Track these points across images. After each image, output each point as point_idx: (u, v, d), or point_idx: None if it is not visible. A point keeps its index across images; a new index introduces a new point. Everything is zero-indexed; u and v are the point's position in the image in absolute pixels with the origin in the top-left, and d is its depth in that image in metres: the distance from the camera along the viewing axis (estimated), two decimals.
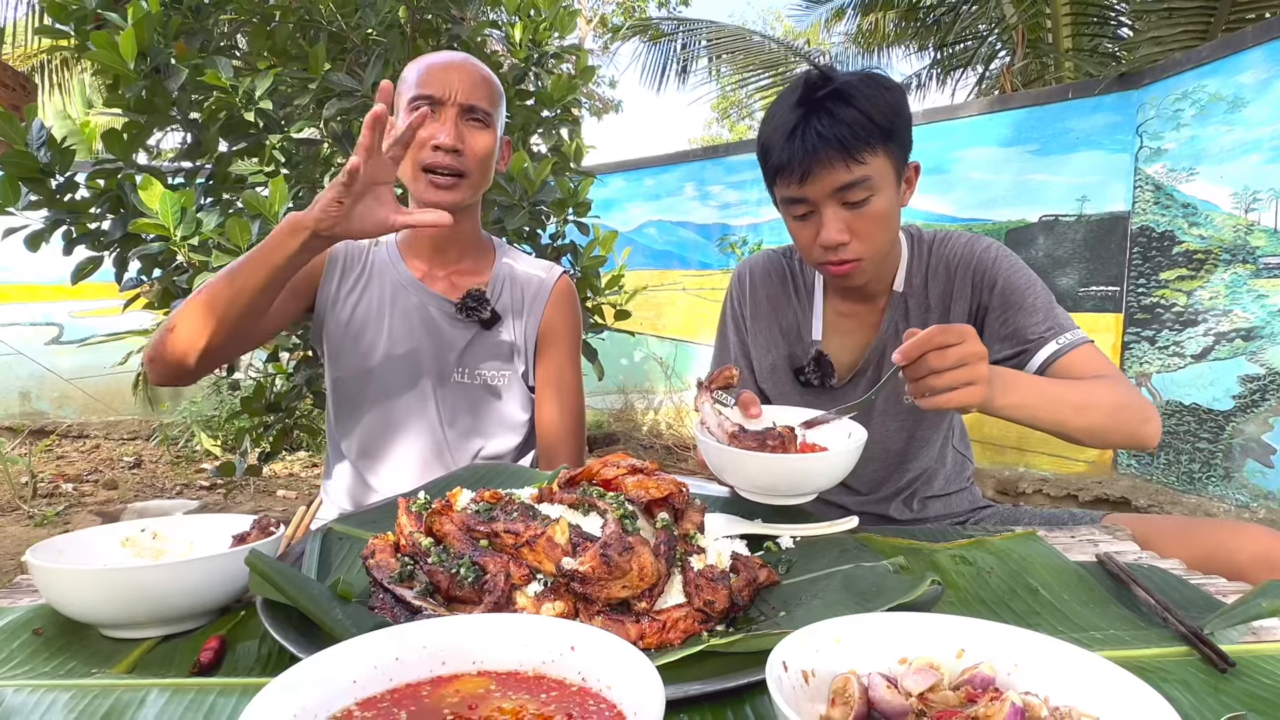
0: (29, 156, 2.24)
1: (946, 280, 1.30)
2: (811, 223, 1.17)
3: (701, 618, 0.71)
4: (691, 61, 7.74)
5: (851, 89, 1.11)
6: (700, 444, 1.00)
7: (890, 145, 1.14)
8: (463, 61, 1.31)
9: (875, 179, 1.12)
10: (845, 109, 1.09)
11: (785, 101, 1.16)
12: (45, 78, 9.21)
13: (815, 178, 1.11)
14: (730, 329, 1.45)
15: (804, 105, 1.12)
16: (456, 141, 1.25)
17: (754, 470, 0.95)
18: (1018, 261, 1.29)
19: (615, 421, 5.70)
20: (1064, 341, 1.19)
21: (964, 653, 0.55)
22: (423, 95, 1.25)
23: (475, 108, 1.27)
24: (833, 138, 1.09)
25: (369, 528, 0.93)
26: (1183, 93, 3.43)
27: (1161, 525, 1.17)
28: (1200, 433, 3.41)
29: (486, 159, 1.30)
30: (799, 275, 1.40)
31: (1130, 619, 0.76)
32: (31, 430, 5.60)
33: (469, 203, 1.32)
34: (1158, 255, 3.55)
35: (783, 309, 1.39)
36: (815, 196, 1.14)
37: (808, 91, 1.13)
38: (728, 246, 5.19)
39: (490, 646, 0.53)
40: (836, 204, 1.14)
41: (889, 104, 1.13)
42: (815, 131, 1.09)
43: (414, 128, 1.05)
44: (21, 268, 5.41)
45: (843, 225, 1.14)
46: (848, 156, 1.09)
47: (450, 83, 1.26)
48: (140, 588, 0.69)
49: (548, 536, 0.70)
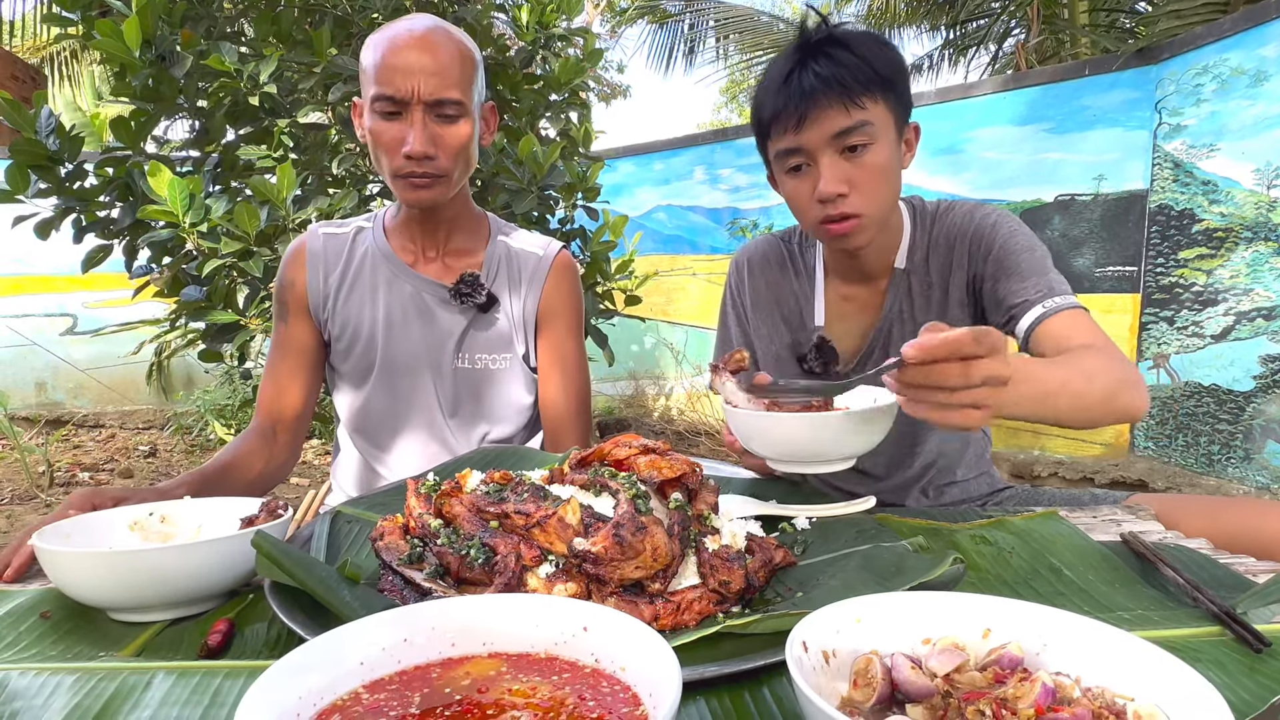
0: (38, 144, 2.24)
1: (947, 252, 1.24)
2: (808, 177, 1.12)
3: (717, 599, 0.69)
4: (699, 43, 7.66)
5: (850, 36, 1.09)
6: (730, 416, 0.98)
7: (890, 96, 1.10)
8: (423, 39, 1.16)
9: (875, 126, 1.08)
10: (844, 53, 1.07)
11: (779, 58, 1.14)
12: (55, 70, 9.23)
13: (812, 122, 1.07)
14: (731, 320, 1.41)
15: (801, 51, 1.09)
16: (427, 147, 1.16)
17: (795, 431, 0.92)
18: (1018, 227, 1.21)
19: (626, 407, 5.69)
20: (1050, 305, 1.10)
21: (990, 632, 0.53)
22: (384, 95, 1.14)
23: (444, 101, 1.16)
24: (831, 78, 1.05)
25: (378, 510, 0.92)
26: (1203, 67, 3.36)
27: (1185, 504, 1.14)
28: (1220, 414, 3.36)
29: (464, 150, 1.21)
30: (799, 259, 1.36)
31: (1158, 599, 0.74)
32: (48, 420, 5.65)
33: (452, 193, 1.25)
34: (1177, 234, 3.49)
35: (784, 295, 1.35)
36: (812, 145, 1.09)
37: (805, 37, 1.10)
38: (738, 230, 5.14)
39: (501, 627, 0.52)
40: (834, 152, 1.09)
41: (889, 57, 1.10)
42: (813, 73, 1.06)
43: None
44: (35, 259, 5.44)
45: (842, 175, 1.09)
46: (847, 99, 1.06)
47: (412, 76, 1.13)
48: (147, 570, 0.68)
49: (559, 517, 0.69)
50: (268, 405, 1.31)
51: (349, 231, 1.35)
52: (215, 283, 2.34)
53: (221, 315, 2.34)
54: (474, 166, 1.27)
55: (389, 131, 1.17)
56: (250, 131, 2.59)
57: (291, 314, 1.32)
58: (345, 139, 2.73)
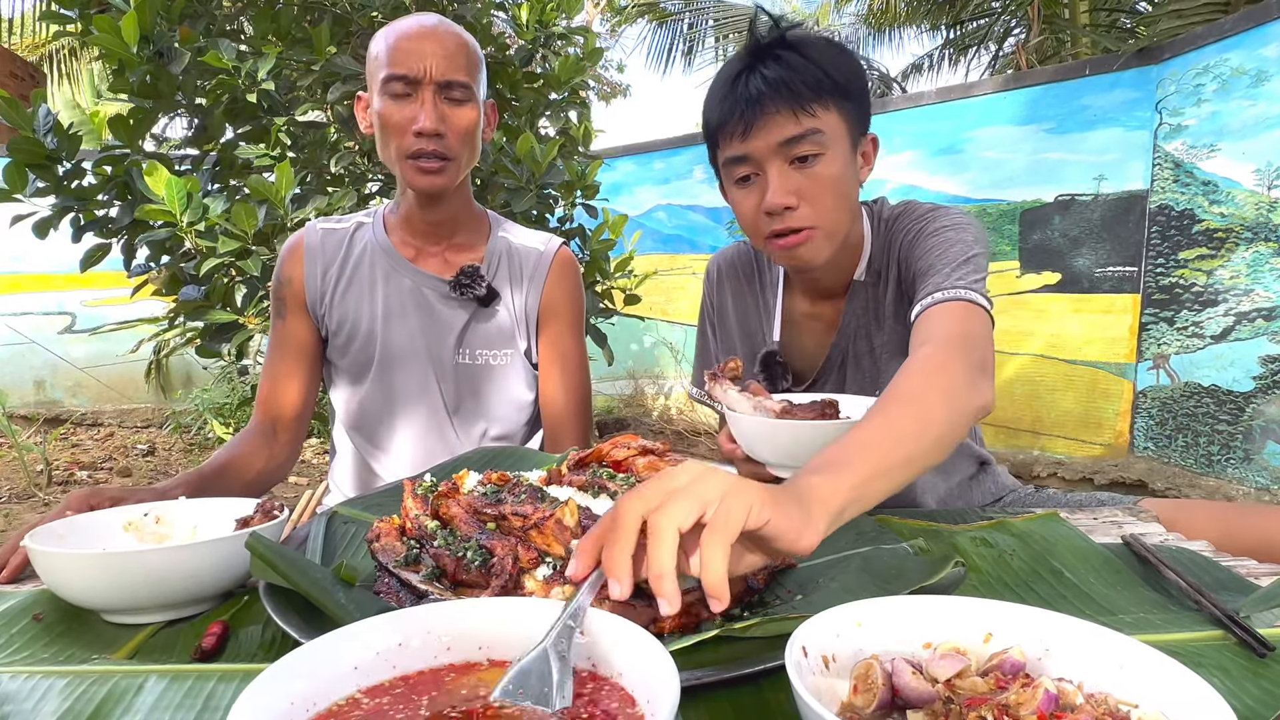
0: (36, 143, 2.23)
1: (894, 250, 1.17)
2: (756, 189, 1.07)
3: None
4: (698, 42, 7.65)
5: (802, 40, 1.04)
6: (733, 422, 0.96)
7: (845, 104, 1.04)
8: (435, 28, 1.20)
9: (826, 135, 1.03)
10: (795, 57, 1.02)
11: (731, 59, 1.09)
12: (54, 68, 9.22)
13: (759, 129, 1.02)
14: (707, 331, 1.40)
15: (750, 54, 1.04)
16: (438, 124, 1.18)
17: (805, 437, 0.90)
18: (950, 221, 1.11)
19: (625, 407, 5.68)
20: (937, 296, 0.98)
21: (992, 637, 0.53)
22: (396, 75, 1.17)
23: (453, 83, 1.19)
24: (780, 82, 1.00)
25: (374, 511, 0.92)
26: (1204, 67, 3.35)
27: (1185, 507, 1.13)
28: (1219, 414, 3.35)
29: (471, 135, 1.23)
30: (765, 270, 1.31)
31: (1160, 602, 0.73)
32: (46, 418, 5.64)
33: (458, 180, 1.27)
34: (1177, 234, 3.48)
35: (746, 307, 1.32)
36: (759, 153, 1.04)
37: (755, 40, 1.05)
38: (737, 229, 5.14)
39: (497, 631, 0.51)
40: (782, 161, 1.03)
41: (845, 64, 1.05)
42: (761, 76, 1.01)
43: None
44: (33, 257, 5.43)
45: (790, 187, 1.03)
46: (796, 105, 1.00)
47: (424, 57, 1.17)
48: (141, 572, 0.68)
49: (556, 519, 0.68)
50: (267, 403, 1.30)
51: (348, 227, 1.35)
52: (213, 282, 2.33)
53: (220, 315, 2.33)
54: (478, 156, 1.29)
55: (400, 112, 1.19)
56: (249, 130, 2.58)
57: (289, 311, 1.32)
58: (344, 137, 2.72)
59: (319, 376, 1.36)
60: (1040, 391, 3.93)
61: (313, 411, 1.35)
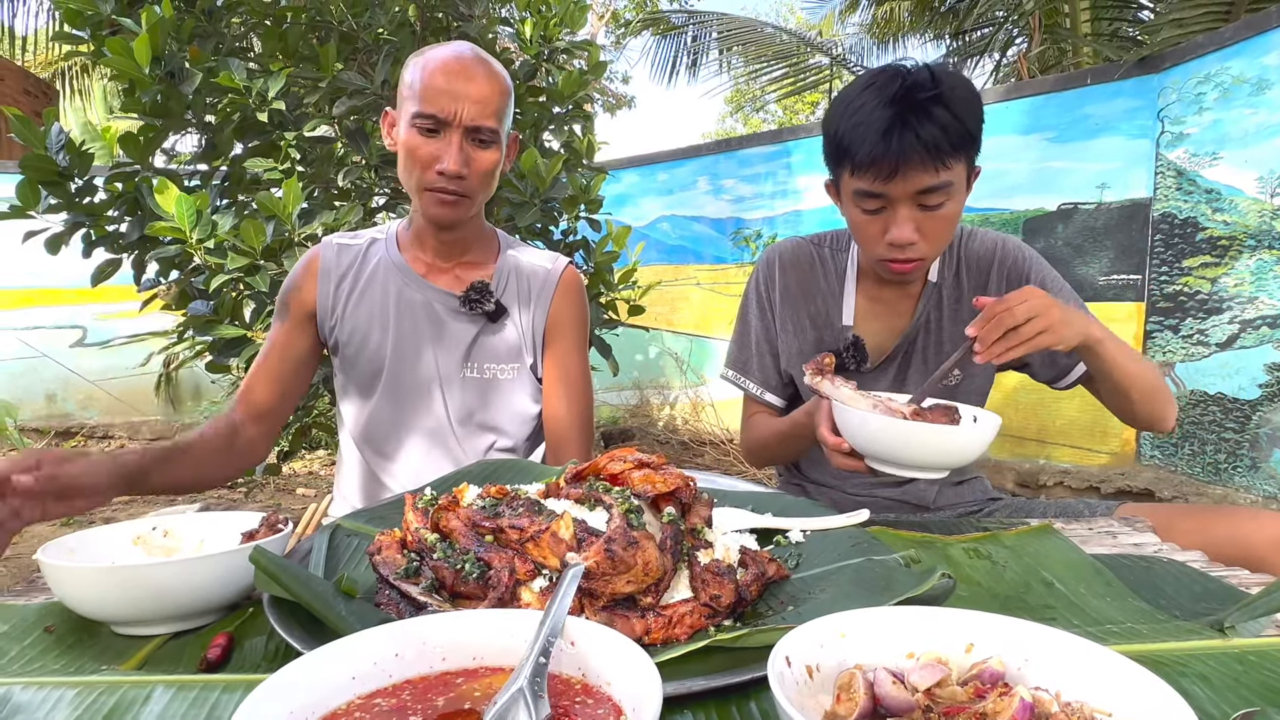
0: (48, 160, 2.27)
1: (980, 274, 1.34)
2: (881, 218, 1.17)
3: (708, 613, 0.70)
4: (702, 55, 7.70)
5: (953, 97, 1.10)
6: (845, 415, 1.01)
7: (971, 151, 1.15)
8: (471, 69, 1.23)
9: (955, 184, 1.13)
10: (945, 114, 1.09)
11: (871, 93, 1.12)
12: (66, 84, 9.36)
13: (902, 178, 1.11)
14: (754, 314, 1.44)
15: (903, 104, 1.09)
16: (461, 168, 1.22)
17: (920, 439, 0.96)
18: (1046, 264, 1.35)
19: (631, 417, 5.70)
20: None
21: (973, 647, 0.54)
22: (426, 114, 1.20)
23: (481, 129, 1.23)
24: (930, 141, 1.08)
25: (377, 524, 0.94)
26: (1205, 75, 3.36)
27: (1177, 514, 1.15)
28: (1225, 422, 3.34)
29: (491, 174, 1.28)
30: (829, 261, 1.41)
31: (1148, 612, 0.74)
32: (58, 431, 5.69)
33: (474, 213, 1.31)
34: (1180, 242, 3.48)
35: (811, 295, 1.39)
36: (895, 195, 1.13)
37: (909, 90, 1.10)
38: (742, 240, 5.16)
39: (491, 642, 0.53)
40: (913, 205, 1.14)
41: (979, 112, 1.14)
42: (914, 133, 1.08)
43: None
44: (46, 272, 5.49)
45: (915, 225, 1.15)
46: (938, 161, 1.09)
47: (457, 101, 1.20)
48: (148, 585, 0.70)
49: (552, 532, 0.70)
50: (247, 397, 1.32)
51: (362, 243, 1.38)
52: (222, 297, 2.37)
53: (228, 330, 2.37)
54: (493, 191, 1.32)
55: (425, 148, 1.22)
56: (257, 145, 2.62)
57: (292, 318, 1.34)
58: (351, 152, 2.76)
59: (303, 389, 1.38)
60: (1046, 400, 3.92)
61: (287, 418, 1.37)
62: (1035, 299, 1.00)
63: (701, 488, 1.04)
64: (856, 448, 1.03)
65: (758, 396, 1.43)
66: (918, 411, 1.00)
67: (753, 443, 1.43)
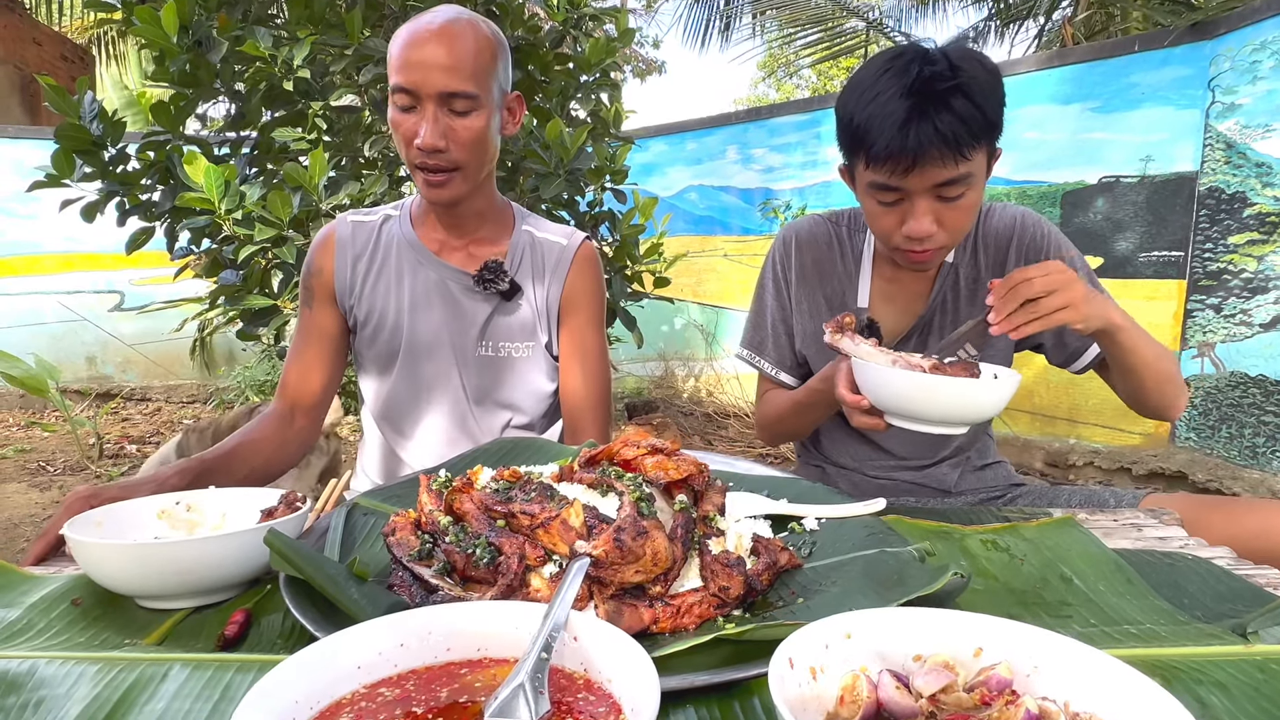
0: (82, 130, 2.30)
1: (997, 253, 1.30)
2: (898, 210, 1.13)
3: (717, 603, 0.70)
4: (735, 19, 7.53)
5: (972, 85, 1.04)
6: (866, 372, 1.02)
7: (992, 137, 1.10)
8: (441, 31, 1.17)
9: (975, 174, 1.09)
10: (964, 104, 1.03)
11: (888, 80, 1.07)
12: (102, 49, 9.45)
13: (919, 172, 1.07)
14: (770, 293, 1.43)
15: (921, 96, 1.04)
16: (437, 140, 1.17)
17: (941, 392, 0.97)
18: (1066, 241, 1.31)
19: (655, 388, 5.70)
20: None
21: (982, 651, 0.53)
22: (400, 87, 1.17)
23: (455, 94, 1.17)
24: (950, 135, 1.03)
25: (394, 502, 0.95)
26: (1261, 43, 3.21)
27: (1207, 506, 1.12)
28: (1266, 405, 3.25)
29: (478, 143, 1.22)
30: (845, 242, 1.38)
31: (1169, 612, 0.73)
32: (98, 393, 5.86)
33: (471, 188, 1.27)
34: (1227, 218, 3.36)
35: (828, 275, 1.38)
36: (912, 188, 1.09)
37: (927, 82, 1.04)
38: (770, 211, 5.09)
39: (495, 633, 0.53)
40: (931, 197, 1.10)
41: (1000, 97, 1.08)
42: (933, 126, 1.03)
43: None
44: (85, 237, 5.61)
45: (933, 217, 1.11)
46: (957, 153, 1.05)
47: (426, 68, 1.15)
48: (170, 561, 0.71)
49: (562, 519, 0.70)
50: (290, 389, 1.34)
51: (376, 220, 1.37)
52: (250, 267, 2.40)
53: (257, 299, 2.40)
54: (494, 157, 1.28)
55: (405, 123, 1.20)
56: (285, 115, 2.63)
57: (317, 300, 1.35)
58: (378, 121, 2.75)
59: (342, 366, 1.40)
60: (1078, 378, 3.84)
61: (332, 400, 1.38)
62: (1056, 273, 0.99)
63: (717, 471, 1.03)
64: (876, 404, 1.03)
65: (772, 376, 1.42)
66: (937, 366, 1.00)
67: (767, 418, 1.43)
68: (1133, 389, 1.20)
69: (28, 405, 5.67)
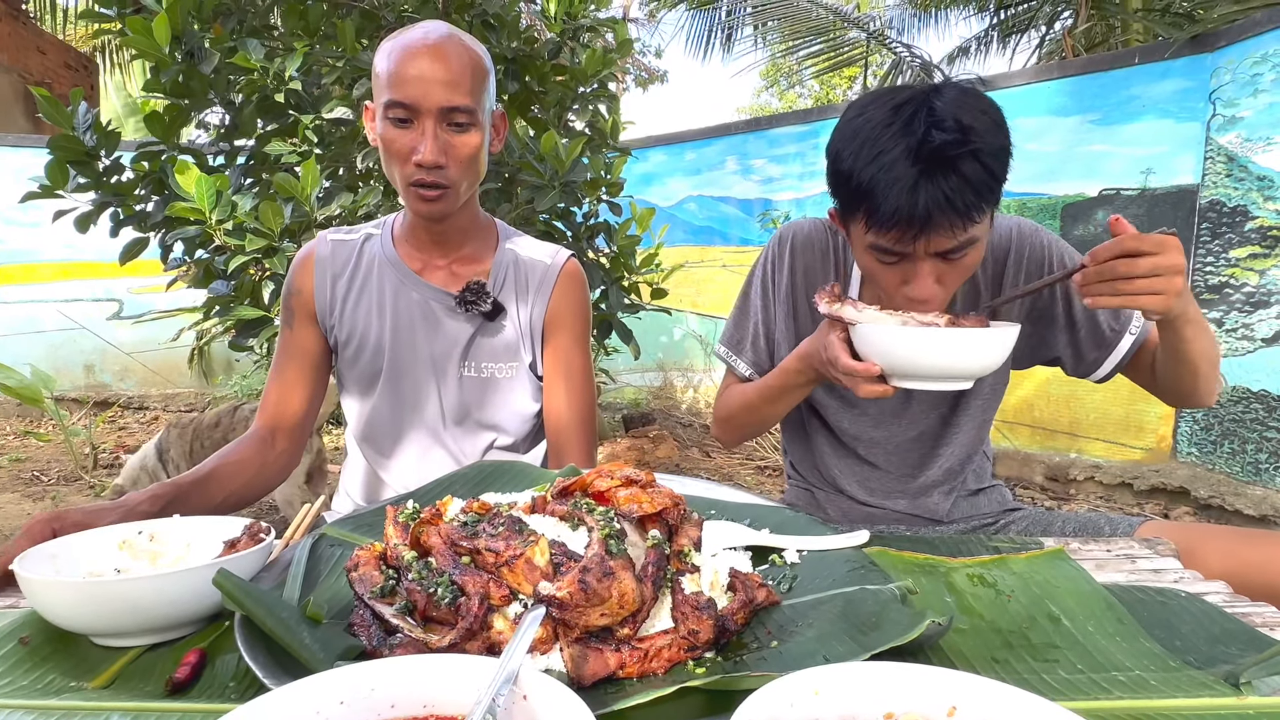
0: (76, 140, 2.29)
1: (994, 265, 1.26)
2: (899, 269, 1.07)
3: (688, 645, 0.67)
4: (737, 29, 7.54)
5: (983, 146, 0.97)
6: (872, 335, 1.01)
7: (1000, 193, 1.03)
8: (436, 47, 1.16)
9: (980, 235, 1.04)
10: (974, 168, 0.97)
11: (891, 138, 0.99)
12: (108, 58, 9.49)
13: (925, 240, 1.01)
14: (756, 292, 1.39)
15: (929, 161, 0.96)
16: (438, 157, 1.16)
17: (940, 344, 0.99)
18: (1068, 247, 1.27)
19: (654, 399, 5.68)
20: (1137, 330, 1.21)
21: (955, 710, 0.51)
22: (396, 102, 1.15)
23: (456, 109, 1.16)
24: (960, 204, 0.97)
25: (364, 531, 0.92)
26: (1262, 55, 3.18)
27: (1206, 535, 1.08)
28: (1269, 421, 3.21)
29: (473, 160, 1.21)
30: (840, 251, 1.34)
31: (1160, 657, 0.70)
32: (96, 401, 5.85)
33: (461, 204, 1.25)
34: (1228, 231, 3.33)
35: (815, 284, 1.34)
36: (916, 254, 1.04)
37: (938, 148, 0.96)
38: (770, 222, 5.07)
39: (441, 689, 0.50)
40: (935, 260, 1.04)
41: (1007, 150, 1.01)
42: (943, 194, 0.96)
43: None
44: (83, 245, 5.55)
45: (936, 277, 1.05)
46: (966, 219, 0.98)
47: (425, 84, 1.14)
48: (120, 599, 0.69)
49: (526, 558, 0.68)
50: (270, 410, 1.31)
51: (357, 239, 1.35)
52: (241, 278, 2.38)
53: (247, 310, 2.38)
54: (482, 176, 1.27)
55: (400, 140, 1.17)
56: (277, 126, 2.61)
57: (298, 320, 1.33)
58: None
59: (324, 387, 1.37)
60: (1079, 391, 3.81)
61: (314, 420, 1.36)
62: (1167, 259, 0.92)
63: (698, 499, 1.01)
64: (887, 368, 1.01)
65: (745, 377, 1.38)
66: (953, 320, 1.03)
67: (730, 409, 1.36)
68: (1180, 377, 1.12)
69: (25, 414, 5.66)
